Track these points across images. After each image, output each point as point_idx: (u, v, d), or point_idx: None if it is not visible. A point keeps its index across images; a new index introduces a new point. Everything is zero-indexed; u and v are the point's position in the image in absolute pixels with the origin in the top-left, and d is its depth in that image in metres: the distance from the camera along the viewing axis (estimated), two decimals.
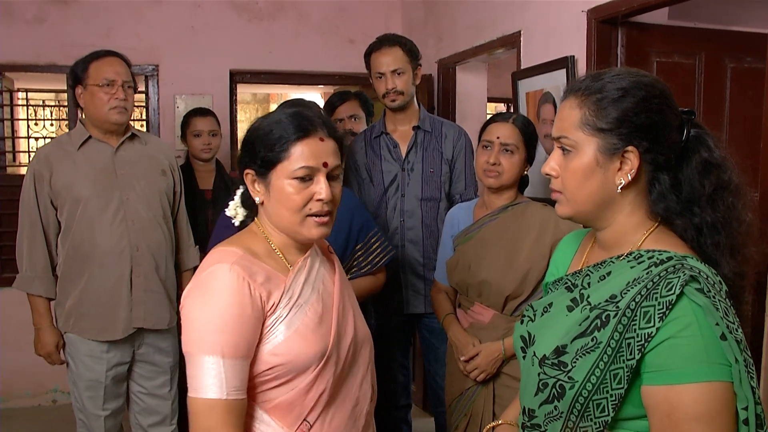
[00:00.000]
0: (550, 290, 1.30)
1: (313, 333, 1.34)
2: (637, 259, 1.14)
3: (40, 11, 4.04)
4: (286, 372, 1.31)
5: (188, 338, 1.28)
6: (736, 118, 2.79)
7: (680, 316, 1.03)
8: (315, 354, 1.33)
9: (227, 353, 1.24)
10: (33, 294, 2.53)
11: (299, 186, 1.34)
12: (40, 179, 2.48)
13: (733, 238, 1.15)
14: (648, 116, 1.13)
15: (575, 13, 2.70)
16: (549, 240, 2.04)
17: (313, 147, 1.34)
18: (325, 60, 4.49)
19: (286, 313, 1.33)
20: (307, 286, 1.39)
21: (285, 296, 1.34)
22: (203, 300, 1.28)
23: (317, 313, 1.37)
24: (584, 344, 1.11)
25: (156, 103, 4.27)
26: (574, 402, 1.10)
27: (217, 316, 1.25)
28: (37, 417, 4.07)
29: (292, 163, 1.33)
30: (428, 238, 2.73)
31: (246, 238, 1.40)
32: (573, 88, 1.20)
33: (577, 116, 1.16)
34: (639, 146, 1.13)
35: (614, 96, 1.14)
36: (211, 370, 1.23)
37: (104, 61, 2.50)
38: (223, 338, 1.24)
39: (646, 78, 1.17)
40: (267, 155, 1.34)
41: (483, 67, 4.08)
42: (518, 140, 2.14)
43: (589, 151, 1.15)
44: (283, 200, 1.34)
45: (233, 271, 1.28)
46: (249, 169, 1.38)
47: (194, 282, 1.32)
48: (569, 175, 1.18)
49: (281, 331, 1.31)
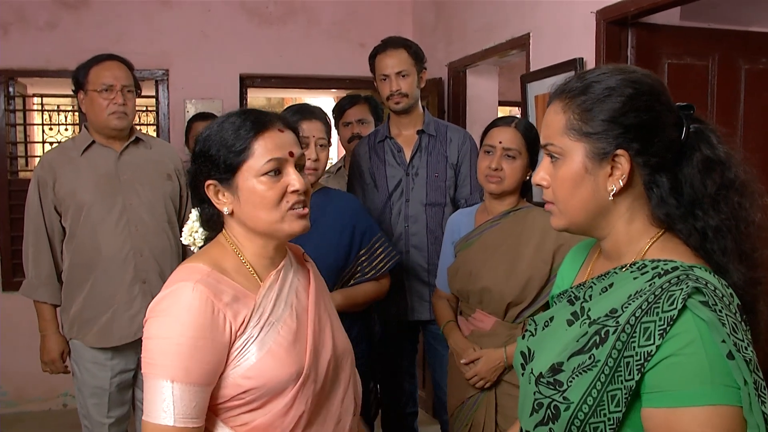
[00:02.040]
0: (555, 303, 1.23)
1: (287, 352, 1.26)
2: (641, 270, 1.05)
3: (52, 17, 4.08)
4: (260, 395, 1.24)
5: (144, 358, 1.21)
6: (750, 120, 2.73)
7: (682, 332, 0.94)
8: (290, 375, 1.25)
9: (178, 378, 1.16)
10: (38, 300, 2.52)
11: (270, 181, 1.27)
12: (44, 186, 2.47)
13: (741, 241, 1.05)
14: (637, 115, 1.04)
15: (584, 15, 2.65)
16: (551, 246, 2.00)
17: (275, 139, 1.29)
18: (335, 64, 4.48)
19: (256, 332, 1.25)
20: (279, 302, 1.31)
21: (255, 314, 1.26)
22: (161, 320, 1.20)
23: (291, 330, 1.29)
24: (581, 362, 1.03)
25: (166, 107, 4.28)
26: (570, 425, 1.02)
27: (173, 338, 1.17)
28: (47, 421, 4.10)
29: (257, 159, 1.27)
30: (433, 244, 2.68)
31: (214, 252, 1.32)
32: (557, 91, 1.12)
33: (562, 121, 1.09)
34: (629, 149, 1.04)
35: (600, 96, 1.06)
36: (161, 394, 1.16)
37: (103, 66, 2.48)
38: (175, 362, 1.16)
39: (634, 74, 1.08)
40: (228, 158, 1.27)
41: (494, 70, 4.04)
42: (521, 145, 2.09)
43: (577, 158, 1.07)
44: (257, 201, 1.27)
45: (196, 291, 1.20)
46: (210, 180, 1.30)
47: (158, 299, 1.24)
48: (559, 184, 1.11)
49: (252, 352, 1.23)
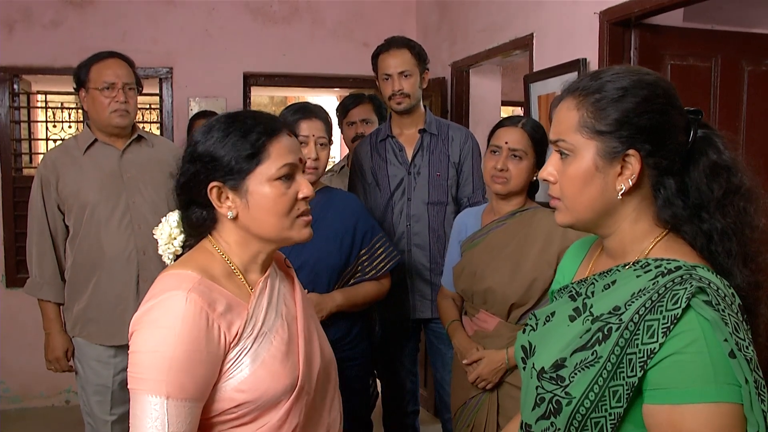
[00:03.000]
0: (555, 298, 1.24)
1: (281, 364, 1.22)
2: (644, 268, 1.06)
3: (57, 15, 4.09)
4: (254, 409, 1.19)
5: (132, 373, 1.14)
6: (753, 122, 2.72)
7: (685, 331, 0.96)
8: (284, 388, 1.22)
9: (173, 394, 1.10)
10: (43, 299, 2.52)
11: (283, 187, 1.24)
12: (47, 185, 2.47)
13: (745, 245, 1.07)
14: (650, 117, 1.05)
15: (588, 15, 2.65)
16: (556, 248, 1.99)
17: (287, 143, 1.27)
18: (339, 63, 4.49)
19: (250, 344, 1.20)
20: (270, 311, 1.27)
21: (248, 325, 1.21)
22: (152, 332, 1.13)
23: (283, 340, 1.25)
24: (584, 358, 1.04)
25: (170, 105, 4.28)
26: (571, 419, 1.04)
27: (166, 351, 1.10)
28: (50, 417, 4.11)
29: (271, 163, 1.23)
30: (435, 243, 2.69)
31: (201, 258, 1.25)
32: (570, 88, 1.13)
33: (575, 118, 1.10)
34: (641, 149, 1.06)
35: (614, 96, 1.06)
36: (153, 411, 1.09)
37: (104, 64, 2.47)
38: (170, 377, 1.10)
39: (649, 76, 1.09)
40: (240, 161, 1.22)
41: (497, 70, 4.04)
42: (527, 145, 2.07)
43: (588, 156, 1.08)
44: (269, 206, 1.23)
45: (190, 301, 1.13)
46: (215, 182, 1.23)
47: (144, 308, 1.16)
48: (567, 181, 1.11)
49: (246, 364, 1.19)
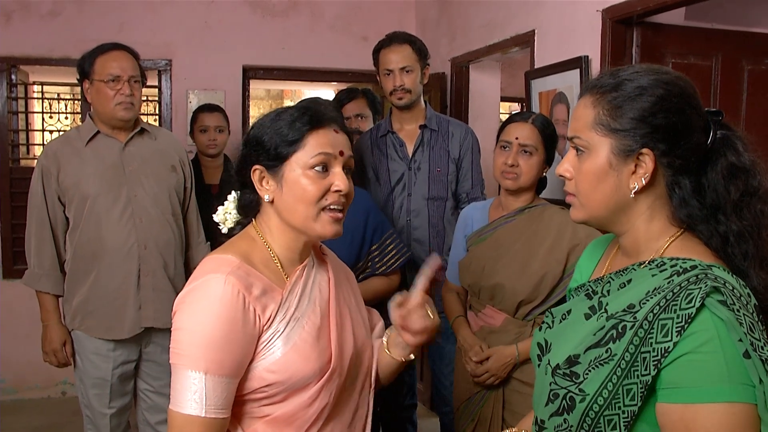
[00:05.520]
0: (572, 296, 1.25)
1: (311, 348, 1.28)
2: (659, 267, 1.07)
3: (55, 5, 4.07)
4: (283, 389, 1.26)
5: (174, 349, 1.22)
6: (753, 121, 2.74)
7: (700, 330, 0.96)
8: (313, 371, 1.27)
9: (211, 370, 1.18)
10: (41, 291, 2.50)
11: (316, 176, 1.27)
12: (47, 175, 2.45)
13: (762, 248, 1.07)
14: (666, 117, 1.06)
15: (590, 13, 2.66)
16: (566, 245, 1.98)
17: (329, 137, 1.29)
18: (338, 57, 4.49)
19: (282, 327, 1.26)
20: (303, 298, 1.32)
21: (281, 310, 1.27)
22: (192, 311, 1.21)
23: (315, 325, 1.31)
24: (598, 355, 1.05)
25: (169, 98, 4.27)
26: (584, 416, 1.04)
27: (205, 330, 1.18)
28: (46, 408, 4.11)
29: (307, 151, 1.27)
30: (435, 238, 2.70)
31: (243, 244, 1.32)
32: (589, 86, 1.14)
33: (591, 115, 1.10)
34: (655, 149, 1.06)
35: (631, 95, 1.07)
36: (192, 385, 1.18)
37: (110, 56, 2.44)
38: (208, 354, 1.18)
39: (667, 75, 1.09)
40: (280, 146, 1.27)
41: (497, 66, 4.05)
42: (537, 141, 2.07)
43: (603, 153, 1.09)
44: (299, 193, 1.27)
45: (228, 283, 1.20)
46: (258, 165, 1.30)
47: (187, 290, 1.24)
48: (582, 178, 1.12)
49: (278, 347, 1.25)
